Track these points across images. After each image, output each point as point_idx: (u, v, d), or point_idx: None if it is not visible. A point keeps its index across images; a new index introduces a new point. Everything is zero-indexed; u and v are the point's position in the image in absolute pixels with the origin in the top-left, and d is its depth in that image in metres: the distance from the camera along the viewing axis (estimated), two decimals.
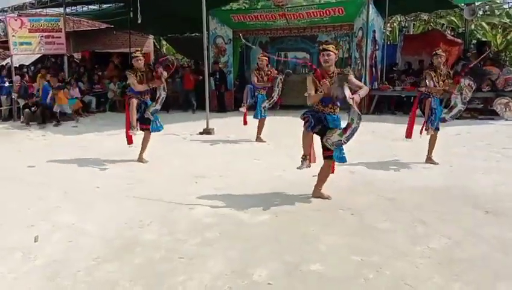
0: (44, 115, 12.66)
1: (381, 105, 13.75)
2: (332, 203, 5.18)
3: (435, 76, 6.91)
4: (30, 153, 8.63)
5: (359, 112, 4.80)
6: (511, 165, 6.94)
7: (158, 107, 7.36)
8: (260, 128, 9.23)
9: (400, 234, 4.26)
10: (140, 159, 7.43)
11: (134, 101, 7.14)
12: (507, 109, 12.00)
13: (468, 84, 6.84)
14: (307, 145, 5.16)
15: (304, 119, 5.08)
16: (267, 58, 9.18)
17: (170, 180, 6.33)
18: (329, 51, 5.00)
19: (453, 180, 6.14)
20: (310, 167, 5.23)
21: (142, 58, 7.22)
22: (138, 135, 7.35)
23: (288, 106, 12.13)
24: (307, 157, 5.17)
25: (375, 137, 9.46)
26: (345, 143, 4.97)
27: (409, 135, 7.28)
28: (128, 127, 7.24)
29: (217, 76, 15.23)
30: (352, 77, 5.00)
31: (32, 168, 7.22)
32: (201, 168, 6.99)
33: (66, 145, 9.35)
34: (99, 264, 3.75)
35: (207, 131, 10.39)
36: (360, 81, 13.45)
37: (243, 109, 9.25)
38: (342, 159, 5.16)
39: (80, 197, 5.60)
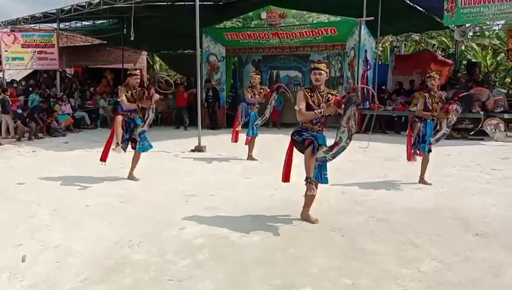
0: None
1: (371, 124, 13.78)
2: (323, 223, 5.16)
3: (428, 98, 6.96)
4: (20, 169, 8.56)
5: (352, 132, 4.78)
6: (501, 186, 6.98)
7: (146, 128, 7.33)
8: (251, 146, 9.25)
9: (390, 256, 4.24)
10: (130, 177, 7.39)
11: (119, 117, 7.14)
12: (497, 129, 12.11)
13: (455, 109, 6.90)
14: (310, 165, 4.90)
15: (304, 141, 4.93)
16: (259, 77, 9.28)
17: (161, 199, 6.30)
18: (321, 70, 5.02)
19: (444, 201, 6.16)
20: (317, 187, 5.00)
21: (138, 76, 7.26)
22: (122, 153, 7.26)
23: (287, 123, 12.20)
24: (313, 180, 4.89)
25: (366, 157, 9.48)
26: (330, 160, 4.97)
27: (409, 157, 7.23)
28: (110, 143, 7.21)
29: (210, 93, 15.29)
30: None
31: (22, 185, 7.15)
32: (192, 186, 6.96)
33: (56, 162, 9.29)
34: (87, 285, 3.69)
35: (199, 148, 10.38)
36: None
37: (238, 128, 9.25)
38: (324, 181, 5.10)
39: (69, 215, 5.54)
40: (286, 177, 5.19)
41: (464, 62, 21.98)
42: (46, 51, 15.28)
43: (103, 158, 7.31)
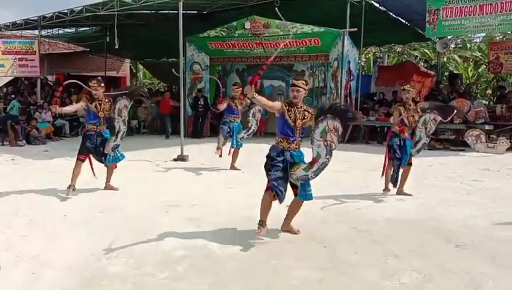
0: None
1: (355, 134, 13.88)
2: (304, 235, 5.13)
3: (404, 111, 6.89)
4: None
5: (332, 147, 4.68)
6: (482, 197, 7.02)
7: (119, 142, 7.05)
8: (235, 156, 9.20)
9: (371, 267, 4.22)
10: (108, 188, 7.24)
11: (79, 163, 6.96)
12: (478, 140, 12.25)
13: (433, 118, 6.91)
14: (266, 209, 4.85)
15: (269, 177, 4.83)
16: (241, 89, 9.13)
17: (141, 209, 6.19)
18: (299, 87, 4.84)
19: (425, 212, 6.17)
20: (268, 232, 4.87)
21: (98, 88, 6.93)
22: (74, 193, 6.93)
23: (272, 133, 12.16)
24: (265, 224, 4.81)
25: (349, 167, 9.51)
26: (313, 178, 4.83)
27: (383, 173, 7.14)
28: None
29: (201, 102, 15.28)
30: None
31: None
32: (173, 196, 6.88)
33: (36, 170, 9.13)
34: None
35: (181, 158, 10.29)
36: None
37: (218, 152, 9.13)
38: (308, 197, 4.95)
39: (46, 226, 5.42)
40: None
41: (446, 74, 22.26)
42: (27, 58, 15.10)
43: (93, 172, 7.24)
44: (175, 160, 10.26)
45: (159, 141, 14.05)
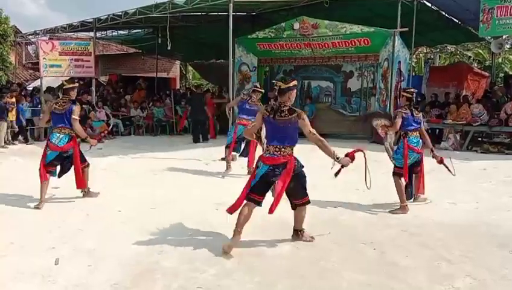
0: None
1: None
2: (353, 236, 5.10)
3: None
4: None
5: None
6: None
7: None
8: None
9: (422, 271, 4.15)
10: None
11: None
12: None
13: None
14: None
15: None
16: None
17: (191, 206, 6.33)
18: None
19: (478, 217, 5.99)
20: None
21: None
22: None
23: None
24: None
25: None
26: None
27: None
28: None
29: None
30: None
31: (56, 189, 7.29)
32: (222, 195, 6.92)
33: (90, 167, 9.42)
34: None
35: None
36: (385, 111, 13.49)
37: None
38: None
39: (101, 220, 5.63)
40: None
41: (501, 75, 21.49)
42: (82, 58, 15.61)
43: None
44: (223, 159, 10.35)
45: (208, 141, 14.23)
